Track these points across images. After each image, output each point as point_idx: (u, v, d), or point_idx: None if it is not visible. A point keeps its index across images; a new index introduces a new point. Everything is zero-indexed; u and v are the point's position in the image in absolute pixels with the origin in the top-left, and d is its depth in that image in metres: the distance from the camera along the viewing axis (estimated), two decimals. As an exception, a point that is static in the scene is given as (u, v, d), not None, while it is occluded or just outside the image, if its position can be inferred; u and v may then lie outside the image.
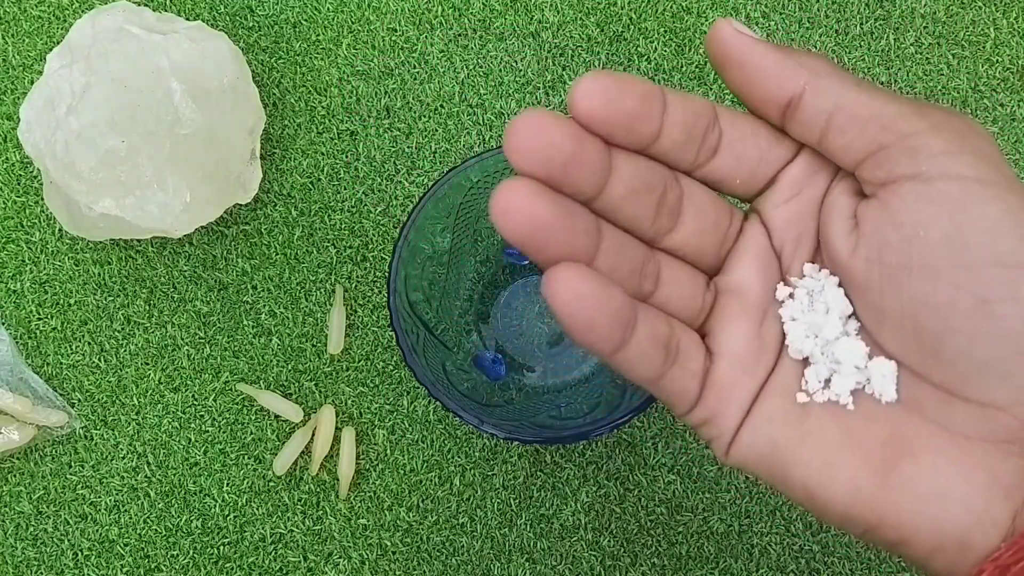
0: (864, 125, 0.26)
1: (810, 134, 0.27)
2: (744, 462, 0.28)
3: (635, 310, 0.27)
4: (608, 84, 0.25)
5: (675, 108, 0.27)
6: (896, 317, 0.26)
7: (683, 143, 0.27)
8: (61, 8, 0.52)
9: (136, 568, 0.49)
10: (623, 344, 0.26)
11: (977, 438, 0.26)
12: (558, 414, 0.45)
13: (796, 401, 0.28)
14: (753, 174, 0.28)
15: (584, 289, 0.25)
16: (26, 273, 0.50)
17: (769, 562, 0.48)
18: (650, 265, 0.28)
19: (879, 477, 0.26)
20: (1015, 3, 0.51)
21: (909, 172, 0.26)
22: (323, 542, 0.49)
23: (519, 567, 0.48)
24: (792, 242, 0.29)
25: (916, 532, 0.26)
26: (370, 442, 0.49)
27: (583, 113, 0.25)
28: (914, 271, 0.26)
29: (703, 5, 0.51)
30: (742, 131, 0.28)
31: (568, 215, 0.26)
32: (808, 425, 0.27)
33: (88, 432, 0.49)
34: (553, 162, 0.25)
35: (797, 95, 0.27)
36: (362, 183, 0.50)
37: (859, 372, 0.27)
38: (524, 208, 0.25)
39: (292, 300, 0.50)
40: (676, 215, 0.28)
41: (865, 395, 0.27)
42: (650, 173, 0.27)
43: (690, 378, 0.28)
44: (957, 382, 0.26)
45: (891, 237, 0.26)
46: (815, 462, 0.27)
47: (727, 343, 0.28)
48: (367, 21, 0.51)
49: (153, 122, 0.45)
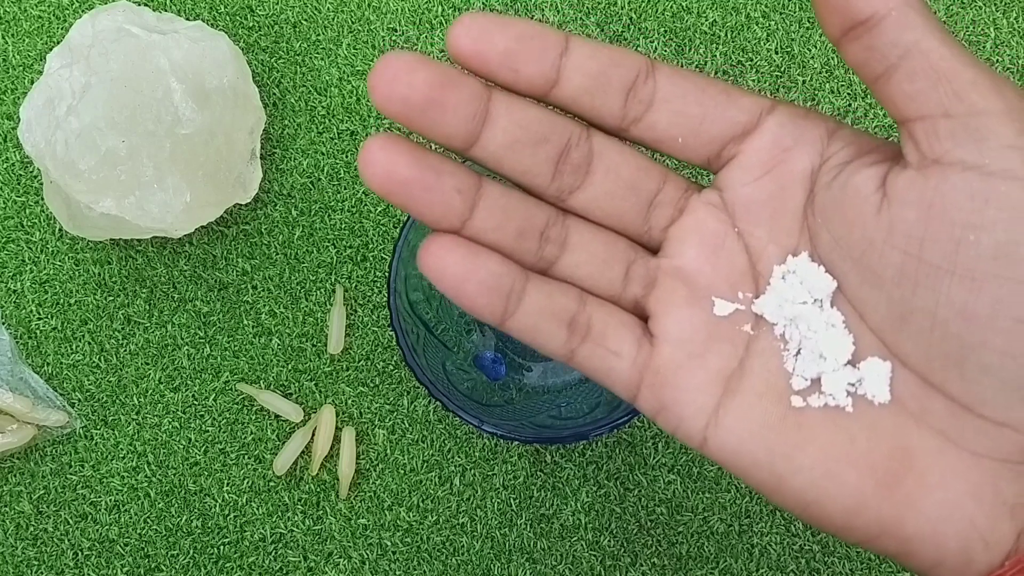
0: (937, 80, 0.24)
1: (873, 65, 0.24)
2: (726, 460, 0.26)
3: (521, 279, 0.26)
4: (484, 22, 0.24)
5: (581, 53, 0.25)
6: (925, 320, 0.24)
7: (593, 91, 0.26)
8: (61, 8, 0.52)
9: (136, 568, 0.49)
10: (507, 314, 0.26)
11: (985, 455, 0.25)
12: (558, 414, 0.45)
13: (790, 404, 0.26)
14: (695, 133, 0.26)
15: (449, 259, 0.25)
16: (26, 273, 0.50)
17: (769, 562, 0.48)
18: (555, 228, 0.27)
19: (883, 489, 0.25)
20: (1015, 3, 0.51)
21: (969, 160, 0.23)
22: (323, 542, 0.49)
23: (519, 567, 0.48)
24: (765, 225, 0.27)
25: (919, 546, 0.25)
26: (370, 442, 0.49)
27: (456, 51, 0.24)
28: (956, 276, 0.24)
29: (703, 5, 0.51)
30: (682, 88, 0.26)
31: (432, 171, 0.25)
32: (806, 431, 0.26)
33: (88, 432, 0.49)
34: (411, 104, 0.24)
35: (880, 16, 0.24)
36: (362, 183, 0.50)
37: (850, 372, 0.26)
38: (383, 162, 0.24)
39: (292, 300, 0.50)
40: (584, 173, 0.27)
41: (864, 400, 0.26)
42: (543, 124, 0.26)
43: (612, 358, 0.27)
44: (976, 398, 0.24)
45: (939, 234, 0.24)
46: (815, 470, 0.25)
47: (669, 327, 0.27)
48: (367, 21, 0.51)
49: (153, 122, 0.45)
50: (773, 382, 0.26)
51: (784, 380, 0.26)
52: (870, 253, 0.25)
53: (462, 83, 0.25)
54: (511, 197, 0.26)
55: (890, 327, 0.25)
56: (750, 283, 0.27)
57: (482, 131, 0.25)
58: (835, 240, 0.26)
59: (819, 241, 0.26)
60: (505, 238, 0.26)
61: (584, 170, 0.27)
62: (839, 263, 0.26)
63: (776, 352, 0.27)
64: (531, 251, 0.27)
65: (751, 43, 0.51)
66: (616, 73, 0.26)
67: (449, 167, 0.25)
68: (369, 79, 0.24)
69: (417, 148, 0.25)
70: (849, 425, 0.26)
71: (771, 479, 0.26)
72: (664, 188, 0.27)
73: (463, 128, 0.25)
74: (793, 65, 0.51)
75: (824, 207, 0.26)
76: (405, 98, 0.24)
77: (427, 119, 0.24)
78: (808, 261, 0.26)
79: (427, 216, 0.25)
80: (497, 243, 0.26)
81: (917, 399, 0.25)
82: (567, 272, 0.27)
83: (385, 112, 0.24)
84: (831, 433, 0.26)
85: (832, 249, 0.26)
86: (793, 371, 0.26)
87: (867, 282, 0.25)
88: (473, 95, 0.25)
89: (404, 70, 0.24)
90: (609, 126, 0.27)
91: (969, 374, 0.24)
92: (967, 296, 0.24)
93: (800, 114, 0.27)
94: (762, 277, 0.27)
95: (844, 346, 0.26)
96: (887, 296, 0.25)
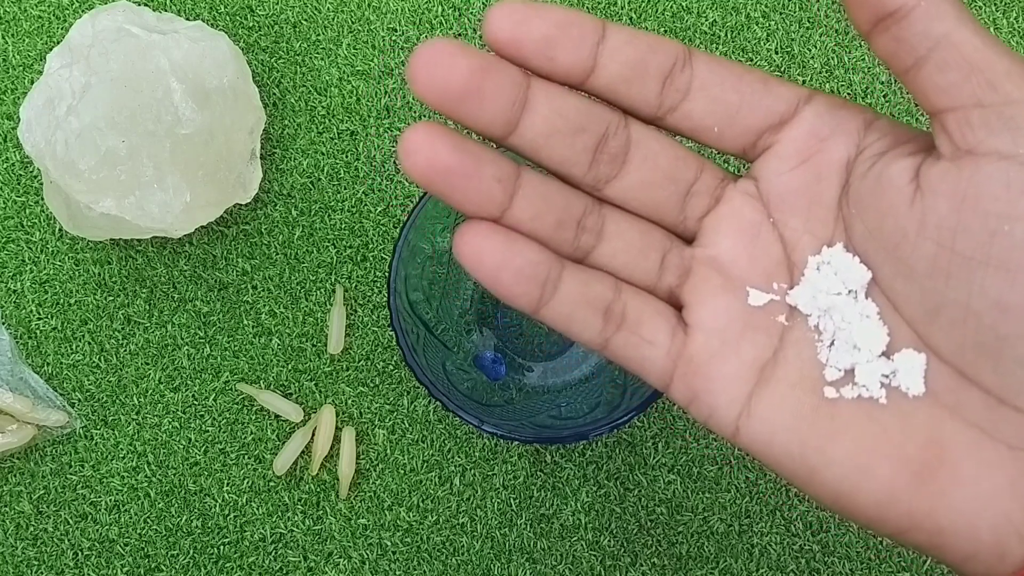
0: (970, 71, 0.23)
1: (902, 57, 0.24)
2: (758, 450, 0.26)
3: (557, 267, 0.26)
4: (521, 9, 0.24)
5: (618, 40, 0.25)
6: (958, 312, 0.24)
7: (630, 79, 0.25)
8: (61, 8, 0.52)
9: (136, 568, 0.49)
10: (543, 302, 0.26)
11: (1021, 448, 0.24)
12: (558, 414, 0.45)
13: (823, 395, 0.26)
14: (732, 121, 0.26)
15: (486, 246, 0.25)
16: (26, 273, 0.50)
17: (769, 562, 0.48)
18: (591, 217, 0.27)
19: (917, 482, 0.25)
20: (1015, 3, 0.51)
21: (1004, 150, 0.23)
22: (323, 542, 0.49)
23: (519, 567, 0.48)
24: (801, 215, 0.26)
25: (953, 539, 0.25)
26: (370, 442, 0.49)
27: (493, 38, 0.24)
28: (991, 266, 0.23)
29: (703, 5, 0.51)
30: (720, 75, 0.26)
31: (472, 159, 0.24)
32: (839, 423, 0.25)
33: (88, 432, 0.49)
34: (450, 92, 0.24)
35: (909, 8, 0.23)
36: (362, 183, 0.50)
37: (884, 363, 0.25)
38: (424, 150, 0.24)
39: (292, 300, 0.50)
40: (620, 162, 0.26)
41: (898, 391, 0.25)
42: (581, 113, 0.26)
43: (646, 347, 0.27)
44: (1011, 390, 0.24)
45: (972, 225, 0.23)
46: (848, 463, 0.25)
47: (703, 316, 0.27)
48: (367, 21, 0.51)
49: (153, 122, 0.45)
50: (807, 373, 0.26)
51: (818, 371, 0.26)
52: (903, 245, 0.25)
53: (502, 70, 0.24)
54: (549, 186, 0.26)
55: (924, 319, 0.25)
56: (785, 273, 0.27)
57: (520, 119, 0.25)
58: (869, 231, 0.26)
59: (854, 232, 0.26)
60: (543, 227, 0.26)
61: (621, 159, 0.26)
62: (873, 254, 0.26)
63: (810, 343, 0.26)
64: (568, 240, 0.26)
65: (751, 43, 0.51)
66: (653, 60, 0.25)
67: (489, 155, 0.25)
68: (409, 67, 0.24)
69: (458, 136, 0.25)
70: (882, 417, 0.25)
71: (803, 470, 0.26)
72: (701, 177, 0.27)
73: (502, 116, 0.25)
74: (793, 65, 0.51)
75: (859, 198, 0.26)
76: (445, 85, 0.24)
77: (467, 106, 0.24)
78: (843, 252, 0.26)
79: (467, 205, 0.25)
80: (534, 232, 0.26)
81: (952, 391, 0.25)
82: (603, 261, 0.27)
83: (425, 99, 0.24)
84: (864, 425, 0.25)
85: (866, 240, 0.26)
86: (827, 362, 0.26)
87: (900, 274, 0.25)
88: (513, 83, 0.25)
89: (445, 57, 0.24)
90: (645, 114, 0.26)
91: (1004, 366, 0.24)
92: (1001, 287, 0.23)
93: (837, 104, 0.26)
94: (797, 267, 0.27)
95: (879, 337, 0.26)
96: (920, 288, 0.25)
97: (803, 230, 0.27)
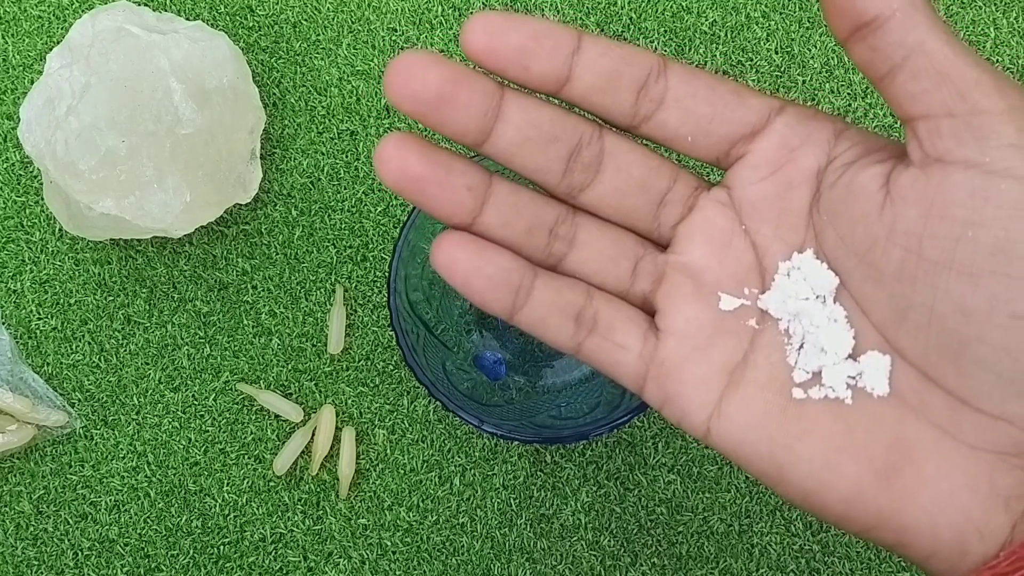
0: (940, 81, 0.24)
1: (878, 65, 0.25)
2: (728, 450, 0.27)
3: (530, 275, 0.27)
4: (496, 19, 0.25)
5: (593, 52, 0.26)
6: (924, 315, 0.25)
7: (605, 90, 0.26)
8: (61, 8, 0.52)
9: (136, 568, 0.49)
10: (516, 308, 0.27)
11: (982, 448, 0.25)
12: (558, 414, 0.45)
13: (791, 396, 0.27)
14: (705, 132, 0.27)
15: (459, 255, 0.26)
16: (26, 273, 0.50)
17: (769, 562, 0.48)
18: (564, 225, 0.27)
19: (882, 480, 0.25)
20: (1015, 3, 0.51)
21: (971, 158, 0.24)
22: (323, 542, 0.49)
23: (519, 567, 0.48)
24: (772, 222, 0.27)
25: (915, 536, 0.25)
26: (370, 442, 0.49)
27: (469, 48, 0.25)
28: (954, 271, 0.24)
29: (703, 5, 0.51)
30: (693, 86, 0.27)
31: (443, 169, 0.26)
32: (806, 422, 0.26)
33: (88, 432, 0.49)
34: (424, 101, 0.25)
35: (884, 17, 0.24)
36: (362, 183, 0.50)
37: (851, 365, 0.26)
38: (395, 160, 0.25)
39: (292, 300, 0.50)
40: (594, 171, 0.27)
41: (863, 392, 0.26)
42: (555, 123, 0.26)
43: (619, 351, 0.27)
44: (972, 391, 0.25)
45: (938, 231, 0.24)
46: (816, 461, 0.26)
47: (675, 321, 0.27)
48: (367, 21, 0.51)
49: (153, 122, 0.45)
50: (776, 375, 0.27)
51: (786, 373, 0.27)
52: (873, 250, 0.25)
53: (474, 80, 0.25)
54: (521, 194, 0.27)
55: (891, 322, 0.26)
56: (756, 279, 0.28)
57: (494, 128, 0.26)
58: (840, 237, 0.26)
59: (824, 239, 0.27)
60: (514, 234, 0.27)
61: (595, 168, 0.27)
62: (843, 260, 0.26)
63: (779, 346, 0.27)
64: (540, 247, 0.27)
65: (751, 43, 0.51)
66: (628, 71, 0.26)
67: (460, 165, 0.26)
68: (384, 76, 0.25)
69: (429, 146, 0.26)
70: (849, 417, 0.26)
71: (772, 469, 0.26)
72: (674, 187, 0.28)
73: (475, 125, 0.26)
74: (793, 65, 0.51)
75: (830, 205, 0.26)
76: (418, 95, 0.25)
77: (440, 115, 0.25)
78: (812, 258, 0.27)
79: (439, 211, 0.26)
80: (507, 239, 0.27)
81: (916, 393, 0.26)
82: (576, 268, 0.28)
83: (399, 108, 0.25)
84: (831, 424, 0.26)
85: (837, 246, 0.26)
86: (795, 364, 0.27)
87: (870, 278, 0.26)
88: (485, 92, 0.25)
89: (418, 67, 0.25)
90: (620, 123, 0.27)
91: (966, 368, 0.25)
92: (964, 291, 0.24)
93: (808, 115, 0.27)
94: (768, 273, 0.27)
95: (845, 340, 0.26)
96: (888, 292, 0.25)
97: (774, 237, 0.27)
